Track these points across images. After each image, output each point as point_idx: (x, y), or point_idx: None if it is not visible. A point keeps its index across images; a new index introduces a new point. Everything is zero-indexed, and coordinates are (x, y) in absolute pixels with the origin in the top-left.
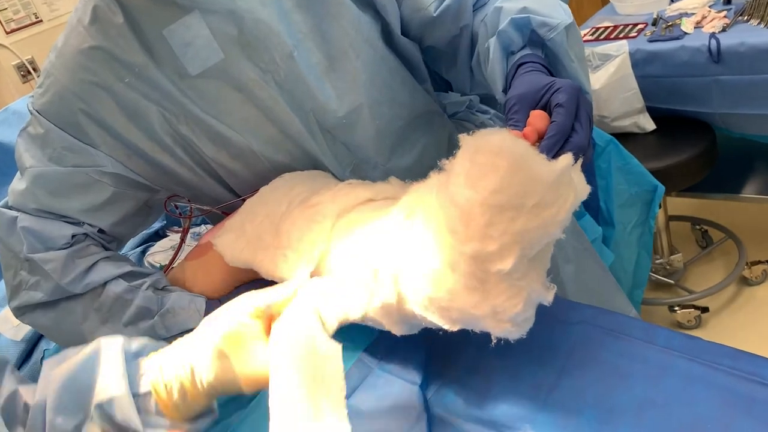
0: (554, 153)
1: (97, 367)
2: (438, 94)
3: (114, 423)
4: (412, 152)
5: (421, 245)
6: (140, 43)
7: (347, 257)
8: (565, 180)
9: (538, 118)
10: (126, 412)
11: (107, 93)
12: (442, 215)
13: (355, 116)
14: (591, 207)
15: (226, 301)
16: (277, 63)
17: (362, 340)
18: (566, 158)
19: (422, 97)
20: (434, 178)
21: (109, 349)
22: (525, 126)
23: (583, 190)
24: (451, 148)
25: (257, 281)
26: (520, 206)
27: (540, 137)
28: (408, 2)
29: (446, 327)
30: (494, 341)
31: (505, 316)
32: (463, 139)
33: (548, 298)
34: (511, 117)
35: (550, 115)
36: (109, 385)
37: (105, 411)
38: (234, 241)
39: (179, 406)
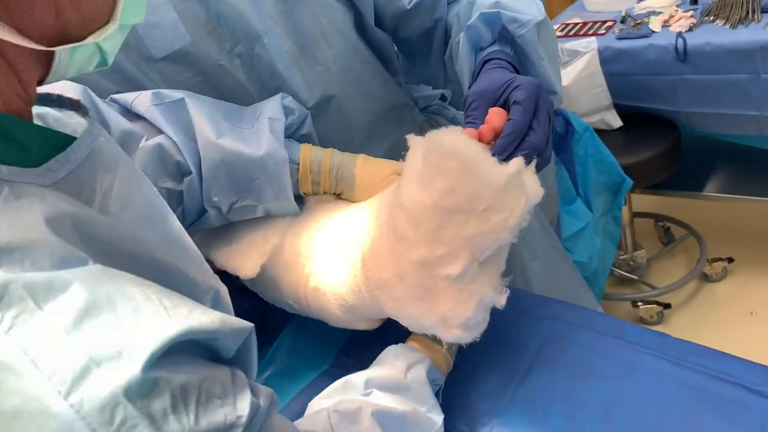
0: (509, 152)
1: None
2: (409, 87)
3: None
4: (381, 146)
5: (375, 252)
6: None
7: (299, 255)
8: (516, 184)
9: (495, 116)
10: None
11: None
12: (391, 221)
13: (324, 107)
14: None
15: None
16: (245, 48)
17: (337, 340)
18: (517, 162)
19: (394, 90)
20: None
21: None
22: (482, 123)
23: (536, 192)
24: None
25: (219, 273)
26: (471, 210)
27: (497, 135)
28: None
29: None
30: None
31: (455, 321)
32: (412, 139)
33: (500, 301)
34: (470, 114)
35: (509, 112)
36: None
37: None
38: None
39: None
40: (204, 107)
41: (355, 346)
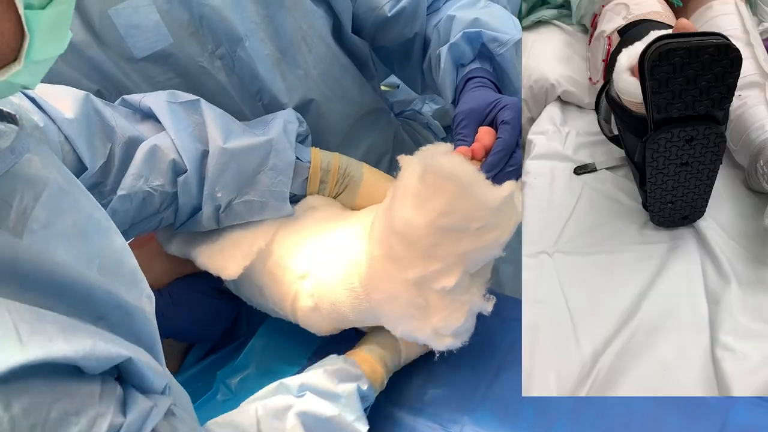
0: (500, 168)
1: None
2: (385, 92)
3: None
4: (357, 150)
5: (370, 274)
6: (83, 21)
7: (287, 270)
8: (509, 205)
9: (485, 135)
10: None
11: None
12: (385, 243)
13: (304, 111)
14: None
15: (165, 292)
16: (227, 51)
17: (312, 339)
18: (510, 185)
19: (370, 94)
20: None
21: None
22: (473, 141)
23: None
24: (396, 147)
25: (198, 273)
26: (465, 229)
27: (487, 153)
28: (362, 0)
29: None
30: (437, 356)
31: (447, 331)
32: (405, 159)
33: (488, 308)
34: (459, 132)
35: (495, 130)
36: None
37: None
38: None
39: None
40: (217, 111)
41: (330, 345)
